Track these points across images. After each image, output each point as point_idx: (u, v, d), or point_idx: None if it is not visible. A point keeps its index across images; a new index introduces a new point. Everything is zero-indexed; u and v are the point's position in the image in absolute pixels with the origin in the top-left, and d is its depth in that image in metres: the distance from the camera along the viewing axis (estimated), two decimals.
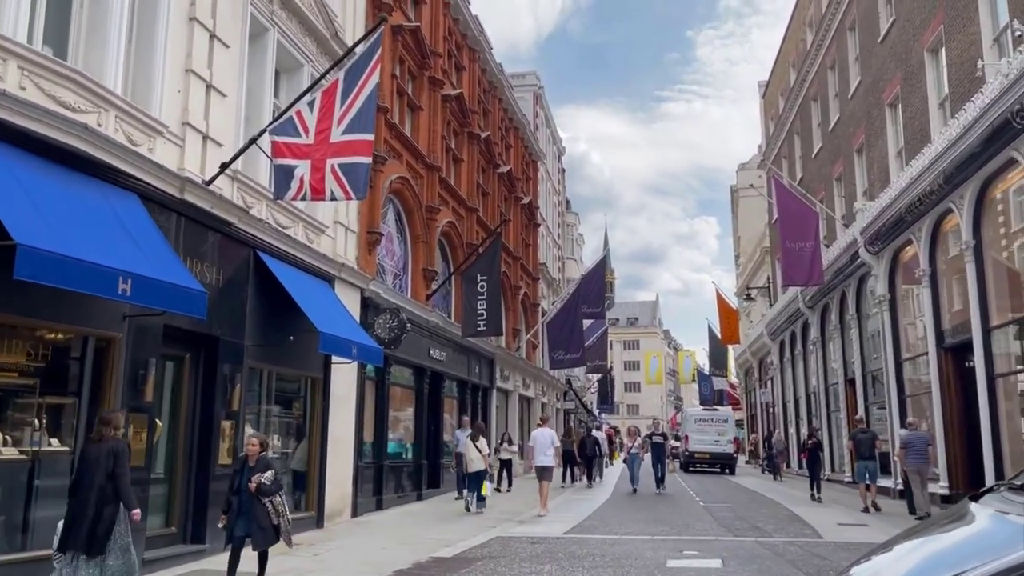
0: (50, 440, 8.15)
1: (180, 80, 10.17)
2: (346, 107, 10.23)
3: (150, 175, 9.25)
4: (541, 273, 35.69)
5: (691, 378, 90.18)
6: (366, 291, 15.66)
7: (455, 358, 21.89)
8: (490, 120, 27.36)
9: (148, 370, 9.26)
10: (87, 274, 7.05)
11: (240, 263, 11.30)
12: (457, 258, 22.60)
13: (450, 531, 12.93)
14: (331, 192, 9.97)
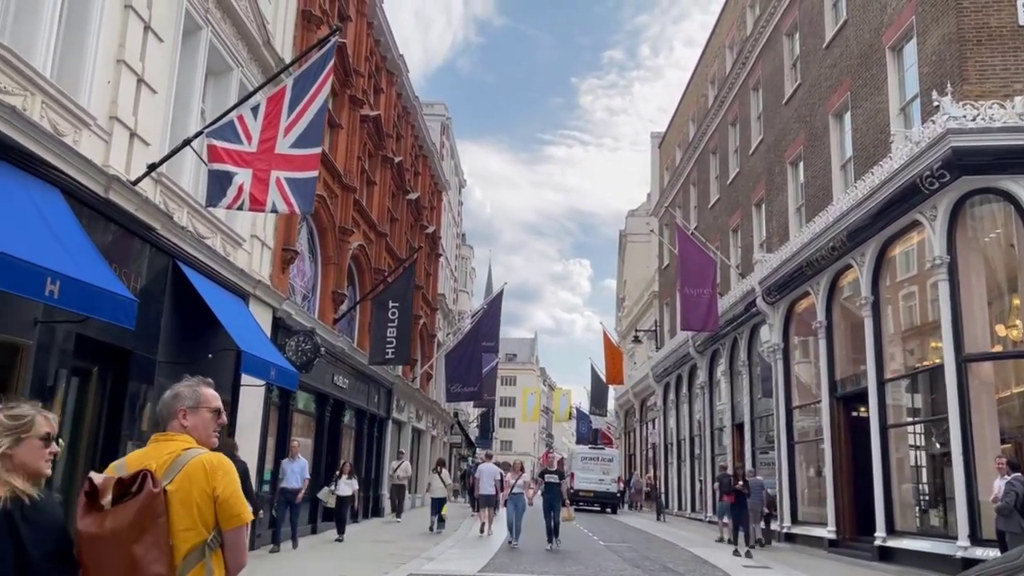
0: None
1: (111, 70, 9.40)
2: (294, 117, 9.75)
3: (75, 169, 8.43)
4: (440, 304, 35.34)
5: (567, 416, 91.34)
6: (278, 311, 14.91)
7: (356, 386, 21.17)
8: (403, 145, 27.02)
9: (57, 383, 8.37)
10: (12, 271, 6.27)
11: (159, 272, 10.48)
12: (365, 283, 22.00)
13: (355, 567, 12.30)
14: (273, 204, 9.43)
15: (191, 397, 3.04)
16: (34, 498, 2.52)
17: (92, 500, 2.63)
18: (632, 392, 44.62)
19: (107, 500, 2.60)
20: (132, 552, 2.54)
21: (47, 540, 2.50)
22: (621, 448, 49.33)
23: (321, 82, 9.96)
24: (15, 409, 2.67)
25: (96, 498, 2.62)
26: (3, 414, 2.62)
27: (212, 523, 2.74)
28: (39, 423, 2.67)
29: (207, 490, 2.74)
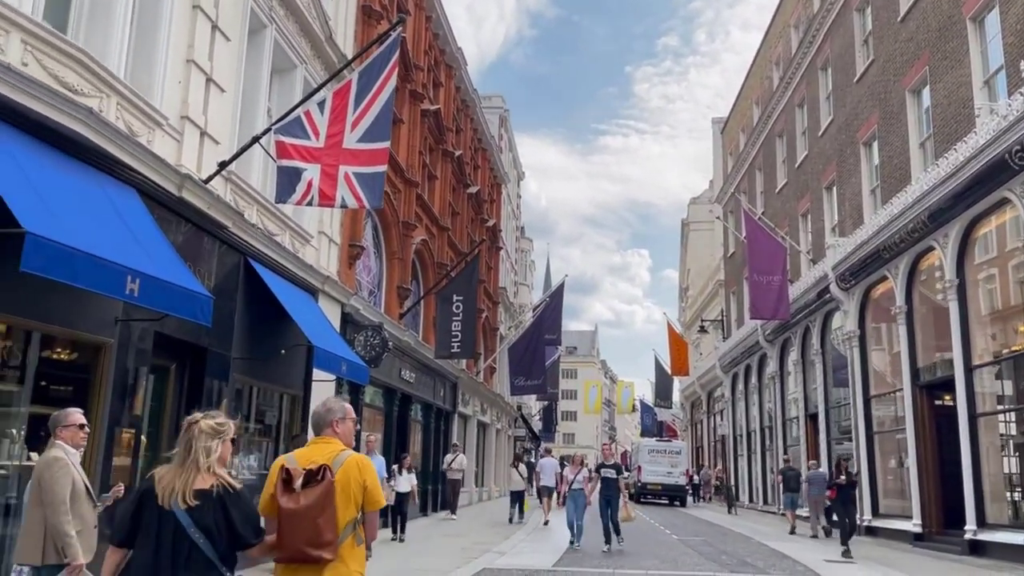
0: (30, 454, 7.30)
1: (181, 70, 9.50)
2: (360, 111, 9.70)
3: (150, 168, 8.54)
4: (501, 297, 35.29)
5: (629, 408, 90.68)
6: (347, 306, 14.99)
7: (423, 380, 21.24)
8: (462, 139, 27.00)
9: (138, 380, 8.50)
10: (97, 271, 6.34)
11: (231, 269, 10.58)
12: (428, 277, 22.03)
13: (431, 562, 12.26)
14: (342, 199, 9.41)
15: (340, 411, 3.94)
16: (234, 486, 3.46)
17: (287, 484, 3.57)
18: (698, 383, 43.91)
19: (298, 484, 3.55)
20: (316, 522, 3.52)
21: (245, 514, 3.45)
22: (688, 440, 48.63)
23: (386, 76, 9.90)
24: (217, 417, 3.55)
25: (290, 483, 3.57)
26: (210, 422, 3.50)
27: (360, 505, 3.73)
28: (232, 427, 3.60)
29: (360, 481, 3.73)
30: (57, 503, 4.87)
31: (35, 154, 6.95)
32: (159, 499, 3.33)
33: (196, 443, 3.43)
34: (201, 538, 3.30)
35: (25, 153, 6.80)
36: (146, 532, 3.32)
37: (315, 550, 3.52)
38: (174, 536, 3.29)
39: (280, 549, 3.56)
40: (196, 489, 3.34)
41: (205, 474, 3.38)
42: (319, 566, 3.54)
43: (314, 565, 3.54)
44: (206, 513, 3.33)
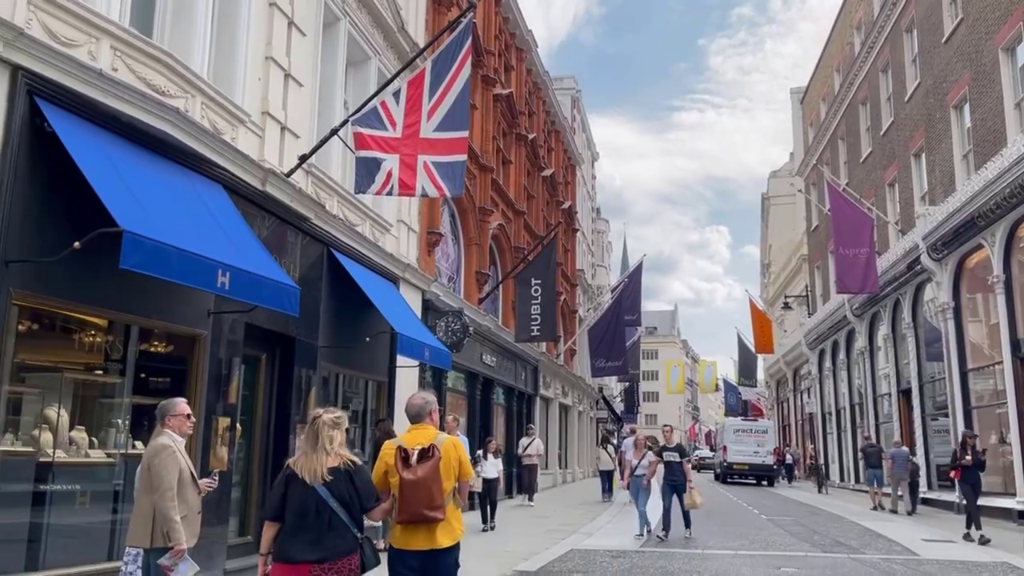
0: (134, 442, 7.68)
1: (261, 68, 9.75)
2: (436, 101, 9.78)
3: (235, 165, 8.81)
4: (579, 279, 35.18)
5: (712, 388, 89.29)
6: (427, 293, 15.20)
7: (503, 364, 21.39)
8: (535, 122, 26.93)
9: (231, 370, 8.82)
10: (189, 265, 6.58)
11: (315, 260, 10.85)
12: (506, 262, 22.12)
13: (519, 544, 12.38)
14: (422, 188, 9.53)
15: (433, 403, 4.90)
16: (356, 463, 4.40)
17: (405, 460, 4.52)
18: (783, 361, 42.92)
19: (414, 460, 4.51)
20: (431, 490, 4.48)
21: (367, 484, 4.43)
22: (774, 419, 47.64)
23: (460, 63, 9.93)
24: (334, 412, 4.54)
25: (408, 459, 4.52)
26: (330, 416, 4.46)
27: (456, 477, 4.71)
28: (346, 418, 4.58)
29: (456, 457, 4.71)
30: (164, 489, 5.11)
31: (128, 155, 7.25)
32: (302, 479, 4.24)
33: (321, 433, 4.36)
34: (338, 506, 4.23)
35: (119, 155, 7.10)
36: (294, 506, 4.22)
37: (431, 512, 4.47)
38: (317, 506, 4.20)
39: (401, 512, 4.51)
40: (329, 467, 4.27)
41: (332, 456, 4.32)
42: (433, 525, 4.52)
43: (430, 524, 4.51)
44: (339, 486, 4.26)
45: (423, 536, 4.54)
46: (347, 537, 4.25)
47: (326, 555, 4.15)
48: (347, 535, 4.25)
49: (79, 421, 7.20)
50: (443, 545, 4.56)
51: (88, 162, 6.40)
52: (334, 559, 4.17)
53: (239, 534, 9.44)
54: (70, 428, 7.02)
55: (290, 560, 4.16)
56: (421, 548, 4.53)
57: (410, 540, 4.55)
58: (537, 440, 20.26)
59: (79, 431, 7.10)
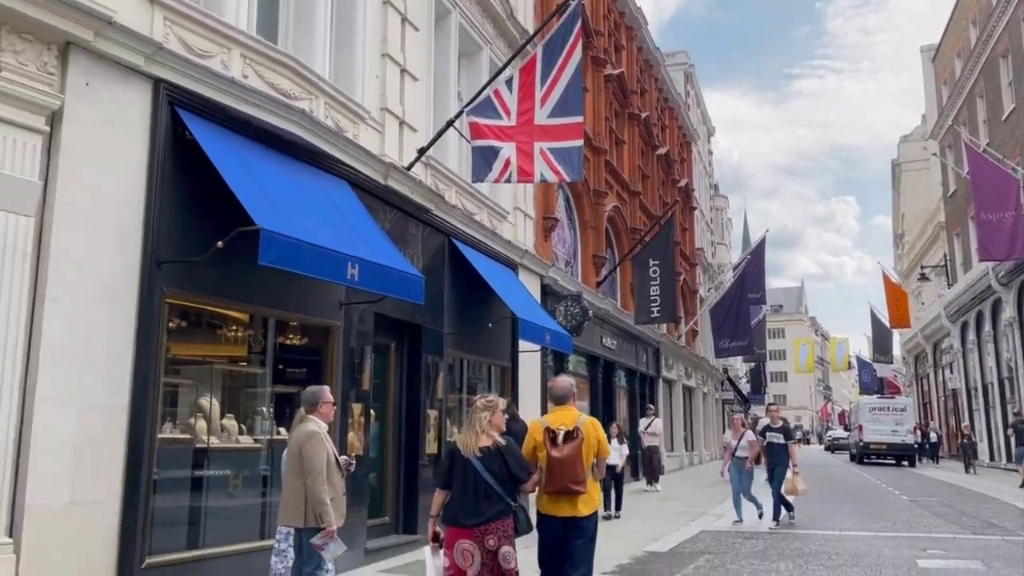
0: (278, 429, 8.13)
1: (378, 65, 10.04)
2: (548, 86, 9.80)
3: (358, 161, 9.14)
4: (698, 259, 34.49)
5: (844, 366, 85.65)
6: (545, 278, 15.29)
7: (624, 347, 21.28)
8: (647, 100, 26.52)
9: (363, 358, 9.18)
10: (321, 259, 6.90)
11: (436, 250, 11.12)
12: (622, 244, 21.95)
13: (646, 526, 12.32)
14: (540, 174, 9.60)
15: (573, 387, 5.67)
16: (500, 442, 5.14)
17: (552, 440, 5.23)
18: (922, 335, 40.67)
19: (559, 439, 5.20)
20: (575, 466, 5.18)
21: (518, 460, 5.16)
22: (913, 396, 45.24)
23: (570, 47, 9.89)
24: (487, 396, 5.38)
25: (555, 439, 5.22)
26: (482, 401, 5.27)
27: (595, 453, 5.35)
28: (500, 403, 5.38)
29: (596, 436, 5.36)
30: (316, 473, 5.40)
31: (259, 157, 7.65)
32: (461, 453, 5.10)
33: (474, 415, 5.20)
34: (491, 478, 5.00)
35: (252, 157, 7.50)
36: (457, 477, 5.08)
37: (575, 485, 5.18)
38: (474, 478, 5.02)
39: (549, 484, 5.25)
40: (480, 446, 5.08)
41: (483, 435, 5.12)
42: (576, 496, 5.23)
43: (572, 495, 5.23)
44: (491, 461, 5.04)
45: (567, 505, 5.24)
46: (500, 504, 5.02)
47: (483, 519, 4.97)
48: (500, 503, 5.02)
49: (228, 410, 7.68)
50: (583, 513, 5.26)
51: (226, 166, 6.79)
52: (491, 520, 4.98)
53: (377, 515, 9.83)
54: (221, 416, 7.50)
55: (454, 523, 5.03)
56: (565, 515, 5.25)
57: (555, 508, 5.28)
58: (657, 420, 19.77)
59: (229, 419, 7.58)
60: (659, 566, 8.93)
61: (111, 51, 6.16)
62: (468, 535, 4.97)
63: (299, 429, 5.67)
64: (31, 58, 5.67)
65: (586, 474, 5.24)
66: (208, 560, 6.86)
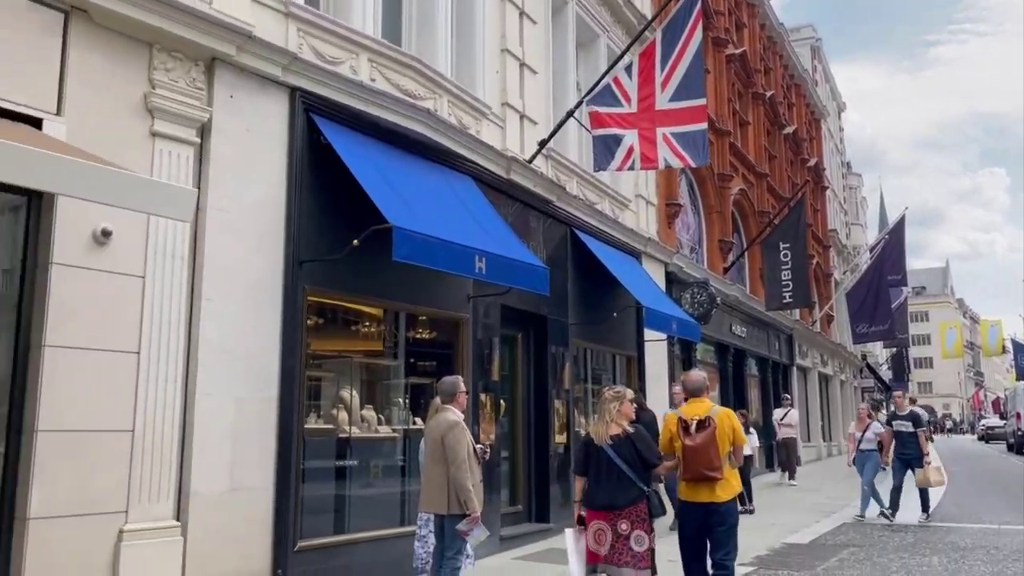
0: (414, 419, 8.41)
1: (497, 60, 10.17)
2: (669, 70, 9.66)
3: (481, 156, 9.30)
4: (832, 240, 33.06)
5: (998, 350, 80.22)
6: (669, 265, 15.08)
7: (755, 334, 20.69)
8: (772, 78, 25.61)
9: (492, 349, 9.36)
10: (450, 254, 7.08)
11: (559, 241, 11.17)
12: (750, 227, 21.33)
13: (784, 517, 11.95)
14: (664, 160, 9.49)
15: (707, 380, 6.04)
16: (628, 430, 5.51)
17: (685, 429, 5.56)
18: None
19: (692, 428, 5.53)
20: (708, 453, 5.47)
21: (647, 446, 5.48)
22: None
23: (690, 29, 9.71)
24: (615, 387, 5.82)
25: (687, 429, 5.54)
26: (611, 392, 5.71)
27: (731, 442, 5.64)
28: (628, 393, 5.77)
29: (730, 425, 5.65)
30: (459, 461, 5.57)
31: (388, 157, 7.91)
32: (594, 441, 5.50)
33: (604, 406, 5.61)
34: (623, 464, 5.36)
35: (381, 157, 7.78)
36: (592, 464, 5.48)
37: (710, 472, 5.46)
38: (608, 464, 5.39)
39: (685, 472, 5.57)
40: (611, 435, 5.46)
41: (613, 425, 5.51)
42: (713, 482, 5.50)
43: (710, 482, 5.50)
44: (622, 448, 5.40)
45: (705, 491, 5.53)
46: (633, 489, 5.37)
47: (617, 504, 5.33)
48: (633, 487, 5.37)
49: (366, 401, 8.02)
50: (722, 499, 5.54)
51: (358, 167, 7.08)
52: (624, 506, 5.32)
53: (510, 503, 10.01)
54: (360, 407, 7.84)
55: (592, 506, 5.45)
56: (703, 501, 5.54)
57: (694, 494, 5.59)
58: (793, 410, 18.87)
59: (368, 409, 7.92)
60: (800, 558, 8.67)
61: (252, 64, 6.54)
62: (603, 517, 5.34)
63: (440, 419, 5.83)
64: (181, 75, 6.10)
65: (722, 461, 5.50)
66: (353, 544, 7.19)
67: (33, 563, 4.95)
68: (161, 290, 5.77)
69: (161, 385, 5.71)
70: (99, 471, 5.31)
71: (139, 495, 5.51)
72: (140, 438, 5.55)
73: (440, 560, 5.69)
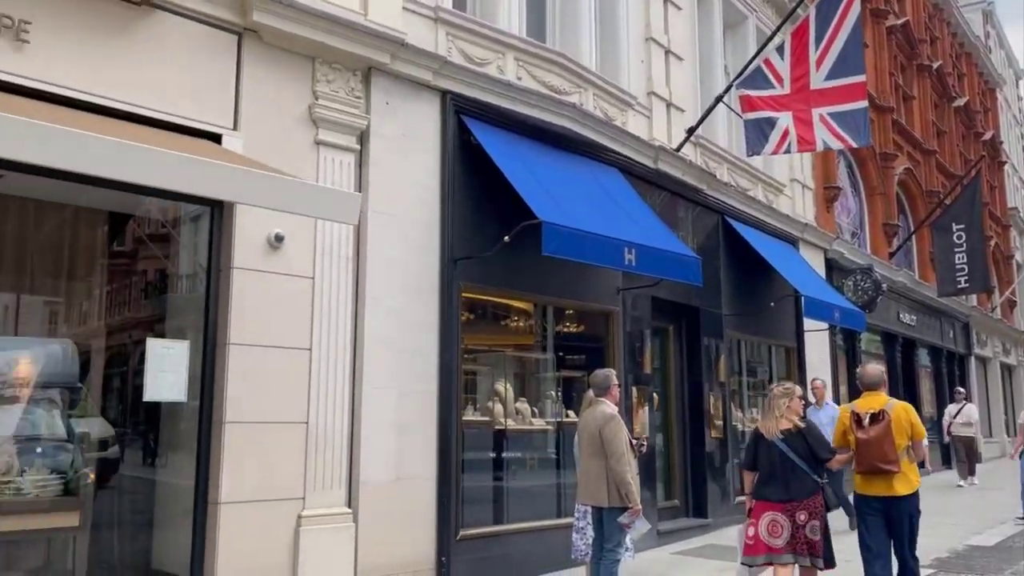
0: (567, 412, 8.48)
1: (642, 50, 10.06)
2: (824, 48, 9.22)
3: (627, 148, 9.23)
4: (1012, 219, 30.41)
5: None
6: (829, 251, 14.39)
7: (926, 322, 19.37)
8: (938, 48, 23.83)
9: (644, 342, 9.28)
10: (599, 247, 7.08)
11: (710, 230, 10.91)
12: (917, 209, 19.98)
13: (965, 518, 11.14)
14: (823, 142, 9.07)
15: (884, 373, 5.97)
16: (799, 424, 5.56)
17: (858, 422, 5.57)
18: None
19: (866, 422, 5.53)
20: (883, 447, 5.45)
21: (818, 440, 5.56)
22: None
23: (847, 3, 9.21)
24: (784, 384, 5.88)
25: (860, 422, 5.56)
26: (780, 389, 5.76)
27: (910, 436, 5.60)
28: (796, 390, 5.75)
29: (907, 419, 5.60)
30: (619, 454, 5.58)
31: (536, 153, 8.01)
32: (764, 436, 5.58)
33: (773, 402, 5.67)
34: (796, 457, 5.44)
35: (529, 154, 7.88)
36: (763, 457, 5.57)
37: (885, 465, 5.45)
38: (780, 458, 5.47)
39: (859, 465, 5.62)
40: (781, 429, 5.54)
41: (783, 420, 5.56)
42: (889, 476, 5.50)
43: (886, 475, 5.50)
44: (795, 443, 5.47)
45: (881, 484, 5.54)
46: (808, 482, 5.44)
47: (794, 495, 5.39)
48: (808, 480, 5.44)
49: (519, 394, 8.17)
50: (900, 493, 5.52)
51: (507, 165, 7.21)
52: (800, 498, 5.39)
53: (665, 498, 9.89)
54: (515, 400, 7.99)
55: (767, 499, 5.50)
56: (880, 494, 5.55)
57: (869, 487, 5.61)
58: (969, 406, 16.88)
59: (522, 402, 8.06)
60: (984, 560, 8.09)
61: (405, 71, 6.80)
62: (779, 509, 5.42)
63: (595, 412, 5.84)
64: (341, 85, 6.43)
65: (898, 455, 5.45)
66: (512, 535, 7.35)
67: (224, 544, 5.39)
68: (329, 289, 6.12)
69: (331, 379, 6.06)
70: (279, 460, 5.71)
71: (315, 483, 5.87)
72: (314, 429, 5.92)
73: (599, 552, 5.71)
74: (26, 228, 5.71)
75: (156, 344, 5.48)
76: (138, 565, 5.78)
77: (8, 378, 5.35)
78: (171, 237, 6.23)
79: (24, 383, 5.39)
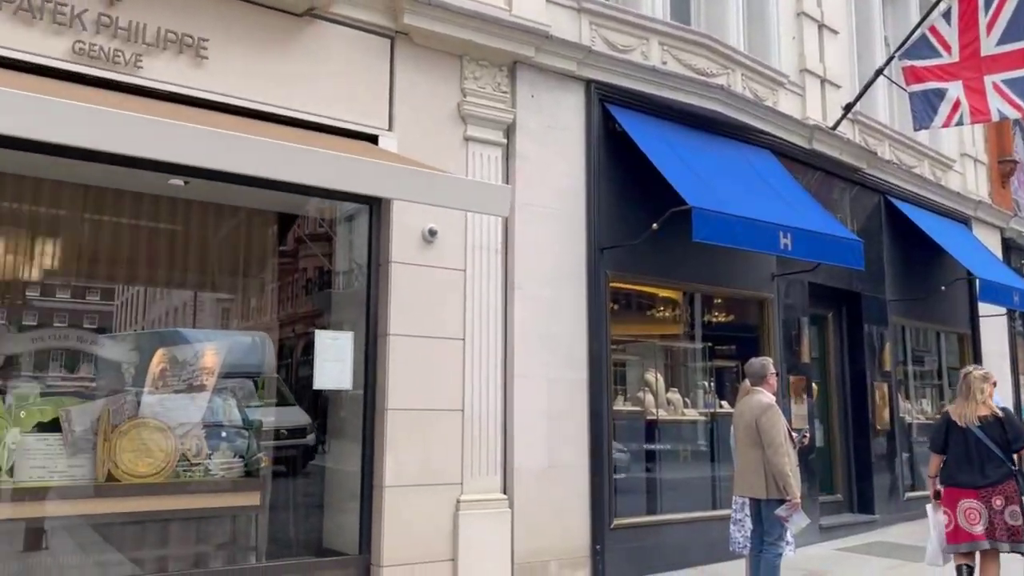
0: (720, 402, 8.29)
1: (793, 26, 9.64)
2: (994, 11, 8.51)
3: (779, 128, 8.89)
4: None
5: None
6: (1006, 230, 13.28)
7: None
8: None
9: (800, 330, 8.92)
10: (752, 231, 6.87)
11: (871, 211, 10.33)
12: None
13: None
14: (998, 111, 8.39)
15: None
16: (997, 412, 5.57)
17: None
18: None
19: None
20: None
21: (1015, 429, 5.50)
22: None
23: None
24: (981, 368, 5.89)
25: None
26: (979, 373, 5.70)
27: None
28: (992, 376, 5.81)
29: None
30: (776, 445, 5.40)
31: (682, 137, 7.85)
32: (959, 422, 5.56)
33: (973, 386, 5.60)
34: (991, 443, 5.43)
35: (676, 138, 7.74)
36: (954, 443, 5.56)
37: None
38: (976, 444, 5.46)
39: None
40: (978, 415, 5.52)
41: (981, 406, 5.55)
42: None
43: None
44: (990, 429, 5.48)
45: None
46: (1004, 468, 5.44)
47: (989, 481, 5.38)
48: (1003, 466, 5.44)
49: (670, 384, 8.06)
50: None
51: (654, 151, 7.11)
52: (998, 483, 5.38)
53: (828, 492, 9.47)
54: (666, 390, 7.90)
55: (959, 485, 5.49)
56: None
57: None
58: None
59: (673, 392, 7.96)
60: None
61: (549, 63, 6.85)
62: (974, 495, 5.40)
63: (753, 401, 5.68)
64: (487, 82, 6.56)
65: None
66: (667, 525, 7.28)
67: (389, 526, 5.65)
68: (480, 281, 6.27)
69: (484, 368, 6.21)
70: (438, 446, 5.92)
71: (471, 469, 6.05)
72: (469, 417, 6.09)
73: (760, 545, 5.56)
74: (207, 230, 6.19)
75: (324, 335, 5.81)
76: (311, 543, 6.16)
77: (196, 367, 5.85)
78: (328, 236, 6.58)
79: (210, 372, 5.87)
